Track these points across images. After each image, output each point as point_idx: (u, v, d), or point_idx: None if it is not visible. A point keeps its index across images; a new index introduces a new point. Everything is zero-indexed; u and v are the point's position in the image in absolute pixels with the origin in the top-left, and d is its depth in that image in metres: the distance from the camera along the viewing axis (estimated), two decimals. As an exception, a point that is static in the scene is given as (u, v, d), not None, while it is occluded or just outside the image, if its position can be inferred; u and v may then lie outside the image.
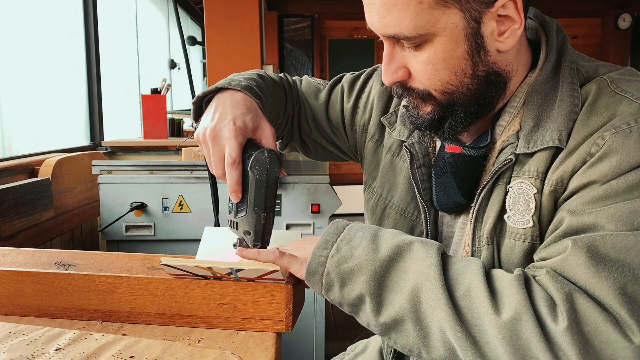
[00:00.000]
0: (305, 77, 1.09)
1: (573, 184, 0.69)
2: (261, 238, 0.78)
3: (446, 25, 0.68)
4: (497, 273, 0.68)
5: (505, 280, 0.66)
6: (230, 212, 0.80)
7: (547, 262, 0.67)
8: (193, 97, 0.92)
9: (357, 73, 1.05)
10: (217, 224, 1.64)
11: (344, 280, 0.71)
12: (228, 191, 0.78)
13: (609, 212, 0.65)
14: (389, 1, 0.68)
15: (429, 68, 0.72)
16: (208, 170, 1.55)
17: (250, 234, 0.77)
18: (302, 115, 1.05)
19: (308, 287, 0.78)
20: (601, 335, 0.60)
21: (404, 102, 0.85)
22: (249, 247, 0.79)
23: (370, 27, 0.73)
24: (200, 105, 0.88)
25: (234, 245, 0.81)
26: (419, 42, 0.70)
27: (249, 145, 0.78)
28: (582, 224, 0.66)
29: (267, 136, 0.81)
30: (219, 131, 0.78)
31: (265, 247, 0.79)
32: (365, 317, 0.71)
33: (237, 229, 0.79)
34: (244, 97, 0.83)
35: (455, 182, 0.79)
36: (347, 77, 1.04)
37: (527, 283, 0.65)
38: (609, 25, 5.81)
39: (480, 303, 0.64)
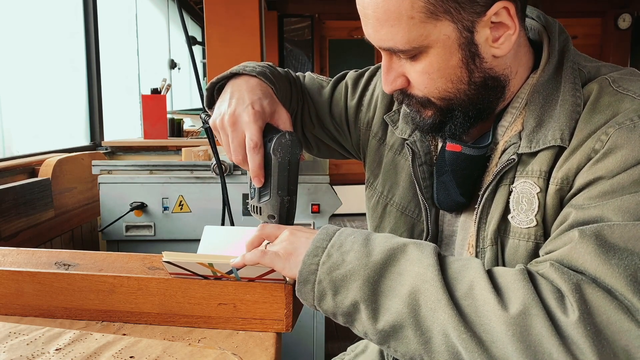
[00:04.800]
0: (308, 73, 1.09)
1: (579, 181, 0.69)
2: (285, 221, 0.78)
3: (439, 37, 0.69)
4: (499, 269, 0.66)
5: (509, 276, 0.63)
6: (252, 198, 0.80)
7: (553, 255, 0.66)
8: (201, 97, 0.92)
9: (360, 70, 1.05)
10: (231, 223, 1.63)
11: (337, 287, 0.67)
12: (250, 175, 0.77)
13: (615, 204, 0.64)
14: (382, 17, 0.69)
15: (425, 77, 0.73)
16: (219, 169, 1.53)
17: (274, 218, 0.77)
18: (305, 111, 1.04)
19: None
20: (614, 325, 0.58)
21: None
22: None
23: (368, 39, 0.75)
24: (213, 92, 0.88)
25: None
26: (413, 54, 0.72)
27: (267, 130, 0.78)
28: (589, 217, 0.65)
29: (284, 120, 0.81)
30: (238, 116, 0.78)
31: None
32: (362, 326, 0.67)
33: (260, 214, 0.79)
34: (259, 82, 0.84)
35: (454, 181, 0.79)
36: (351, 74, 1.05)
37: (531, 277, 0.63)
38: (609, 25, 5.80)
39: (485, 300, 0.61)
